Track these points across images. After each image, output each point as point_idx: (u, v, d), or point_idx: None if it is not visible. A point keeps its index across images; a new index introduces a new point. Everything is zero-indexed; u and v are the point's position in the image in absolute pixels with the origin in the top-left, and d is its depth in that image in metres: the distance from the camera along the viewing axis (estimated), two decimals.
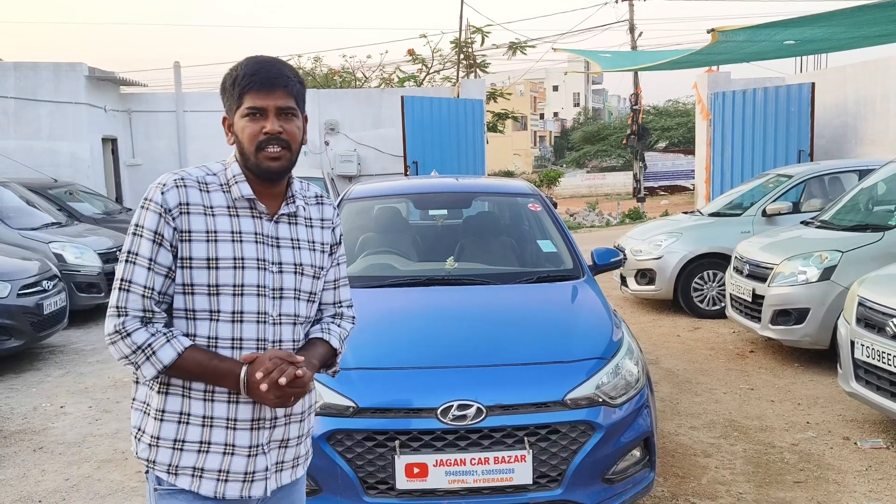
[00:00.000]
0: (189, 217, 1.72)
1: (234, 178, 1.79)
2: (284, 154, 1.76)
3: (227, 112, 1.81)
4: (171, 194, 1.72)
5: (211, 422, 1.76)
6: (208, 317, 1.74)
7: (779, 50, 10.42)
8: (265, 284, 1.78)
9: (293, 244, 1.84)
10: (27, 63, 13.36)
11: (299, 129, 1.80)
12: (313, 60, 23.22)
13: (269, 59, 1.79)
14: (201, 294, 1.73)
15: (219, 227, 1.74)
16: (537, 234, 4.70)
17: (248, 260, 1.76)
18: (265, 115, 1.74)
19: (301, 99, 1.82)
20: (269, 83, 1.73)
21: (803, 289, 5.82)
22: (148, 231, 1.71)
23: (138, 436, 1.81)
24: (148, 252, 1.71)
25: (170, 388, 1.76)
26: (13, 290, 6.39)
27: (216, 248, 1.73)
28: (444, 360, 3.21)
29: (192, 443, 1.75)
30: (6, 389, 5.93)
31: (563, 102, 75.44)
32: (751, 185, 9.00)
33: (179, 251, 1.72)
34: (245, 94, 1.73)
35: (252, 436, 1.79)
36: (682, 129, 35.54)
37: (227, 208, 1.77)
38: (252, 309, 1.76)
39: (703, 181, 13.92)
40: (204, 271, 1.72)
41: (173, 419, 1.76)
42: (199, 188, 1.75)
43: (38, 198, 9.45)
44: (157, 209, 1.71)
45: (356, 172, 15.08)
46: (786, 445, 4.46)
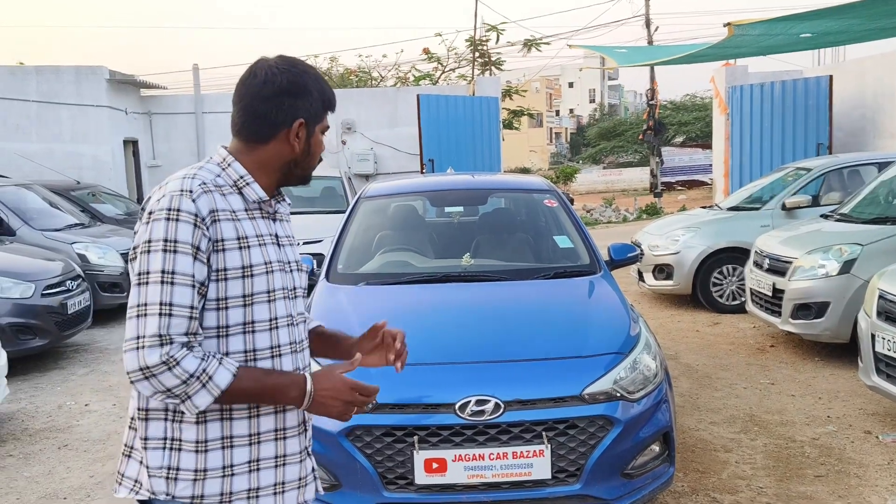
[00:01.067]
0: (220, 224, 1.60)
1: (242, 179, 1.68)
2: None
3: (305, 119, 1.71)
4: (202, 201, 1.58)
5: (258, 438, 1.67)
6: (242, 330, 1.63)
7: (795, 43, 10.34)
8: (285, 286, 1.72)
9: (289, 241, 1.81)
10: (49, 67, 13.55)
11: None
12: (330, 60, 23.35)
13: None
14: (235, 307, 1.62)
15: (247, 231, 1.65)
16: (553, 229, 4.70)
17: (275, 263, 1.69)
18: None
19: None
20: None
21: (823, 282, 5.78)
22: (184, 244, 1.54)
23: (171, 475, 1.61)
24: (189, 268, 1.55)
25: (208, 416, 1.62)
26: (37, 290, 6.49)
27: (249, 255, 1.63)
28: (461, 355, 3.24)
29: (242, 465, 1.65)
30: (32, 388, 6.04)
31: (579, 99, 75.18)
32: (770, 179, 8.93)
33: (213, 263, 1.59)
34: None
35: (300, 441, 1.75)
36: (700, 123, 35.34)
37: (246, 211, 1.68)
38: (283, 313, 1.70)
39: (722, 175, 13.82)
40: (238, 281, 1.62)
41: (216, 446, 1.62)
42: (220, 192, 1.64)
43: (61, 199, 9.58)
44: (190, 219, 1.55)
45: (373, 171, 15.14)
46: (806, 440, 4.44)
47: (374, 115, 15.54)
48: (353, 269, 4.33)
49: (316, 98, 1.72)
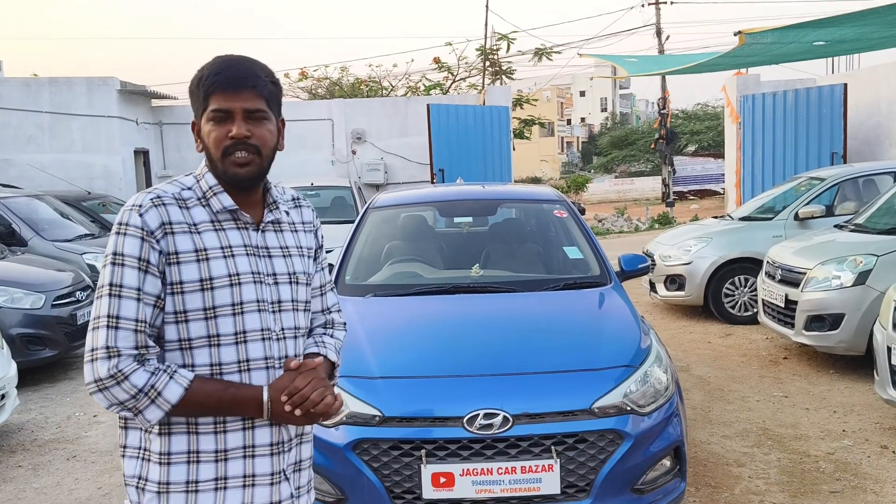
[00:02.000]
0: (174, 237, 1.57)
1: (210, 190, 1.65)
2: (253, 160, 1.63)
3: (195, 116, 1.66)
4: (150, 215, 1.56)
5: (225, 455, 1.61)
6: (207, 343, 1.59)
7: (808, 51, 10.26)
8: (264, 298, 1.65)
9: (283, 252, 1.72)
10: (61, 78, 13.67)
11: (272, 134, 1.66)
12: (340, 70, 23.40)
13: (239, 56, 1.65)
14: (197, 320, 1.58)
15: (207, 243, 1.60)
16: (563, 240, 4.66)
17: (244, 275, 1.62)
18: (231, 118, 1.60)
19: (274, 101, 1.67)
20: (235, 83, 1.59)
21: (838, 294, 5.70)
22: (131, 258, 1.54)
23: (140, 485, 1.62)
24: (134, 281, 1.54)
25: (172, 428, 1.59)
26: (48, 300, 6.51)
27: (209, 267, 1.59)
28: (470, 368, 3.20)
29: (207, 481, 1.60)
30: (41, 398, 6.04)
31: (591, 108, 75.12)
32: (783, 189, 8.85)
33: (168, 276, 1.57)
34: (210, 95, 1.60)
35: (273, 461, 1.66)
36: (712, 132, 35.21)
37: (212, 222, 1.63)
38: (255, 326, 1.63)
39: (734, 185, 13.73)
40: (198, 294, 1.58)
41: (181, 460, 1.59)
42: (178, 205, 1.61)
43: (72, 210, 9.64)
44: (136, 233, 1.55)
45: (383, 181, 15.14)
46: (821, 454, 4.36)
47: (385, 125, 15.56)
48: (361, 280, 4.30)
49: (195, 89, 1.63)
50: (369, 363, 3.22)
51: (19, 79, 14.09)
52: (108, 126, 13.53)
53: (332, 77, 22.83)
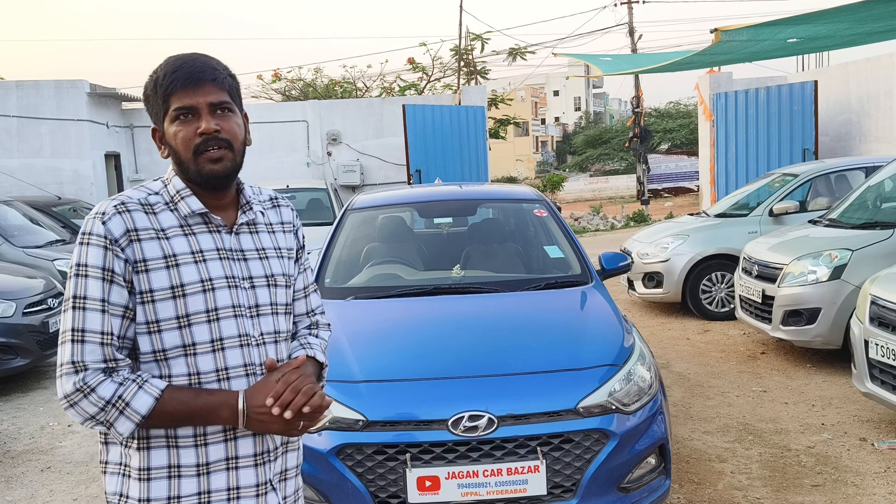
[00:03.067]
0: (140, 244, 1.51)
1: (178, 194, 1.59)
2: (227, 154, 1.57)
3: (154, 122, 1.61)
4: (114, 222, 1.50)
5: (207, 468, 1.55)
6: (183, 353, 1.53)
7: (782, 49, 10.38)
8: (240, 303, 1.59)
9: (260, 254, 1.66)
10: (29, 82, 13.41)
11: (240, 127, 1.62)
12: (314, 71, 23.28)
13: (192, 53, 1.60)
14: (170, 329, 1.52)
15: (176, 249, 1.54)
16: (544, 239, 4.65)
17: (217, 280, 1.56)
18: (197, 115, 1.54)
19: (236, 94, 1.63)
20: (195, 78, 1.54)
21: (814, 288, 5.76)
22: (94, 269, 1.48)
23: (121, 502, 1.57)
24: (98, 292, 1.48)
25: (151, 442, 1.54)
26: (18, 308, 6.36)
27: (179, 274, 1.53)
28: (453, 370, 3.17)
29: (190, 496, 1.54)
30: (13, 409, 5.90)
31: (565, 107, 75.49)
32: (756, 185, 8.94)
33: (136, 285, 1.51)
34: (171, 95, 1.54)
35: (258, 472, 1.60)
36: (685, 130, 35.54)
37: (181, 227, 1.57)
38: (232, 333, 1.57)
39: (708, 182, 13.86)
40: (169, 302, 1.52)
41: (161, 475, 1.54)
42: (144, 211, 1.55)
43: (41, 215, 9.46)
44: (100, 242, 1.49)
45: (359, 182, 15.07)
46: (802, 448, 4.40)
47: (360, 126, 15.49)
48: (340, 282, 4.26)
49: (152, 94, 1.58)
50: (351, 367, 3.17)
51: None
52: (77, 130, 13.31)
53: (305, 78, 22.69)
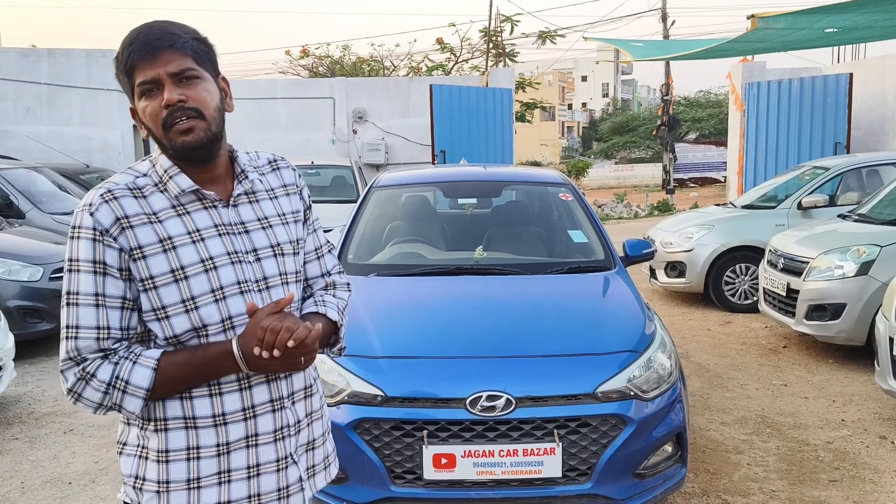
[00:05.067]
0: (133, 231, 1.46)
1: (166, 174, 1.52)
2: (197, 124, 1.48)
3: (130, 102, 1.53)
4: (102, 212, 1.45)
5: (227, 448, 1.53)
6: (195, 335, 1.50)
7: (818, 38, 10.17)
8: (247, 279, 1.54)
9: (262, 224, 1.60)
10: (60, 50, 13.53)
11: (210, 93, 1.51)
12: (342, 49, 23.24)
13: (152, 21, 1.51)
14: (178, 314, 1.48)
15: (171, 231, 1.48)
16: (568, 224, 4.63)
17: (219, 258, 1.51)
18: (160, 87, 1.46)
19: (204, 58, 1.52)
20: (151, 47, 1.45)
21: (840, 284, 5.68)
22: (85, 262, 1.45)
23: (138, 485, 1.55)
24: (91, 287, 1.45)
25: (169, 424, 1.52)
26: (45, 273, 6.47)
27: (177, 256, 1.47)
28: (473, 350, 3.17)
29: (210, 476, 1.52)
30: (38, 372, 6.02)
31: (592, 93, 74.80)
32: (786, 178, 8.81)
33: (136, 273, 1.46)
34: (133, 69, 1.46)
35: (278, 447, 1.58)
36: (713, 120, 35.09)
37: (173, 208, 1.51)
38: (241, 310, 1.52)
39: (736, 173, 13.68)
40: (173, 286, 1.47)
41: (180, 457, 1.51)
42: (133, 195, 1.49)
43: (70, 183, 9.57)
44: (89, 234, 1.44)
45: (384, 161, 15.07)
46: (820, 443, 4.36)
47: (386, 105, 15.46)
48: (363, 259, 4.27)
49: (120, 72, 1.51)
50: (372, 343, 3.19)
51: (17, 49, 13.95)
52: (106, 99, 13.41)
53: (333, 55, 22.66)
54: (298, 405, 1.65)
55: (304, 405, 1.67)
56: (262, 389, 1.57)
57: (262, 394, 1.57)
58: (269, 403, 1.58)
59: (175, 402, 1.52)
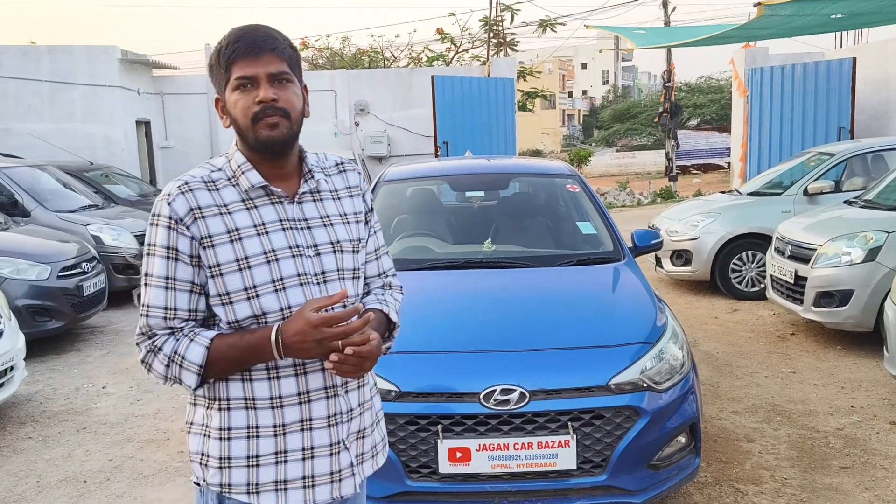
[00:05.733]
0: (205, 221, 1.59)
1: (239, 169, 1.65)
2: (283, 122, 1.61)
3: (217, 92, 1.67)
4: (178, 202, 1.58)
5: (283, 429, 1.64)
6: (255, 321, 1.61)
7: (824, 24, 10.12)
8: (306, 272, 1.64)
9: (324, 222, 1.70)
10: (61, 46, 13.49)
11: (298, 97, 1.65)
12: (342, 40, 23.18)
13: (254, 24, 1.65)
14: (240, 300, 1.60)
15: (239, 223, 1.61)
16: (575, 215, 4.63)
17: (281, 250, 1.62)
18: (256, 84, 1.59)
19: (295, 65, 1.66)
20: (256, 47, 1.59)
21: (847, 270, 5.68)
22: (160, 248, 1.59)
23: (203, 461, 1.67)
24: (163, 270, 1.59)
25: (231, 403, 1.64)
26: (53, 272, 6.49)
27: (243, 247, 1.59)
28: (486, 343, 3.18)
29: (268, 455, 1.63)
30: (48, 370, 6.04)
31: (592, 80, 74.55)
32: (791, 164, 8.79)
33: (205, 260, 1.59)
34: (232, 64, 1.59)
35: (331, 433, 1.68)
36: (715, 105, 34.93)
37: (243, 202, 1.63)
38: (299, 300, 1.62)
39: (739, 159, 13.65)
40: (237, 275, 1.59)
41: (241, 435, 1.63)
42: (207, 188, 1.62)
43: (74, 180, 9.57)
44: (165, 222, 1.58)
45: (386, 153, 15.05)
46: (830, 430, 4.37)
47: (388, 97, 15.43)
48: None
49: (216, 64, 1.63)
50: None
51: (17, 47, 13.90)
52: (109, 95, 13.39)
53: (333, 47, 22.60)
54: (352, 394, 1.73)
55: (357, 395, 1.75)
56: (317, 377, 1.66)
57: (317, 380, 1.66)
58: (324, 390, 1.67)
59: (237, 383, 1.64)
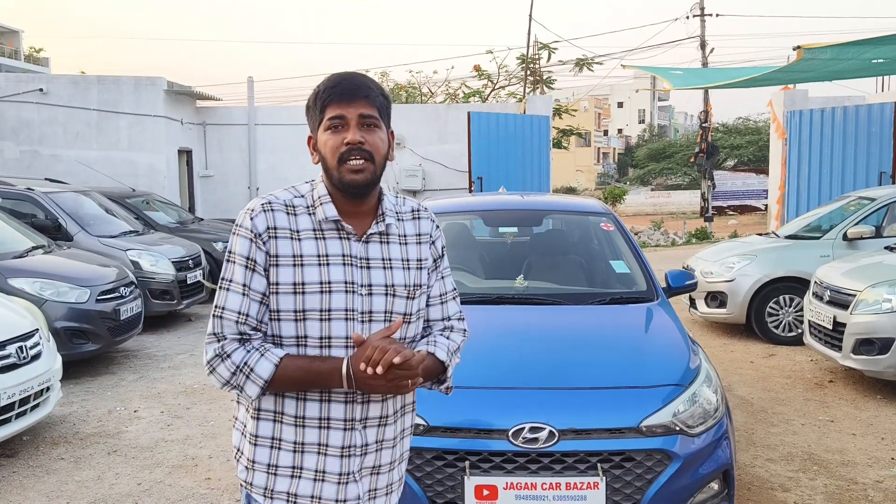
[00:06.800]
0: (277, 241, 1.69)
1: (319, 200, 1.75)
2: (367, 166, 1.70)
3: (311, 131, 1.79)
4: (259, 219, 1.70)
5: (302, 447, 1.74)
6: (295, 342, 1.71)
7: (865, 69, 10.05)
8: (353, 308, 1.71)
9: (384, 264, 1.76)
10: (109, 77, 13.95)
11: (383, 142, 1.74)
12: (380, 75, 23.55)
13: (351, 72, 1.77)
14: (288, 320, 1.70)
15: (304, 250, 1.70)
16: (609, 253, 4.60)
17: (336, 283, 1.70)
18: (346, 126, 1.69)
19: (385, 112, 1.77)
20: (350, 93, 1.70)
21: (888, 317, 5.54)
22: (240, 257, 1.69)
23: (237, 456, 1.82)
24: (242, 278, 1.69)
25: (261, 414, 1.75)
26: (92, 295, 6.62)
27: (302, 273, 1.69)
28: (516, 380, 3.16)
29: (285, 468, 1.74)
30: (83, 392, 6.13)
31: (628, 119, 74.58)
32: (830, 208, 8.67)
33: (270, 277, 1.70)
34: (327, 106, 1.71)
35: (342, 463, 1.74)
36: (752, 147, 34.68)
37: (314, 231, 1.72)
38: (340, 334, 1.70)
39: (776, 201, 13.50)
40: (290, 296, 1.69)
41: (266, 444, 1.75)
42: (287, 211, 1.73)
43: (116, 206, 9.80)
44: (247, 234, 1.69)
45: (421, 187, 15.17)
46: (869, 482, 4.24)
47: (424, 132, 15.60)
48: None
49: (313, 104, 1.75)
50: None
51: (68, 76, 14.42)
52: (154, 125, 13.77)
53: None
54: (370, 431, 1.77)
55: (376, 432, 1.79)
56: (339, 407, 1.74)
57: (338, 411, 1.74)
58: (342, 422, 1.74)
59: (270, 396, 1.74)
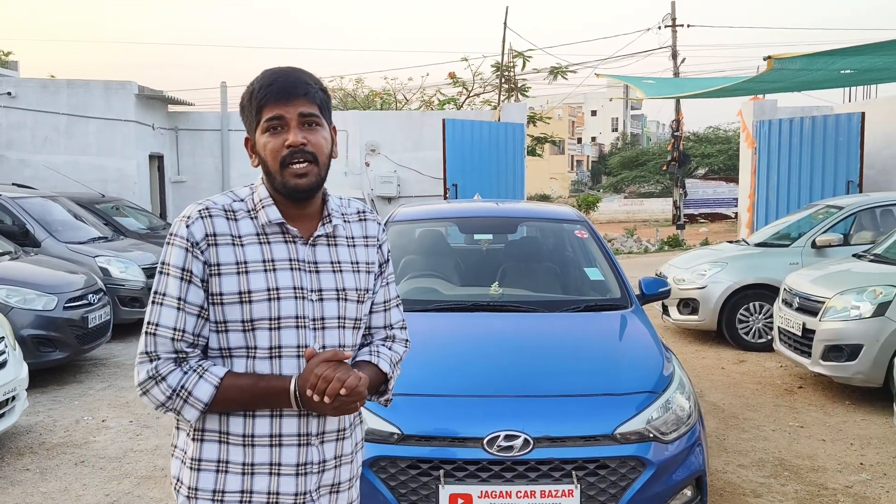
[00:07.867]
0: (217, 249, 1.58)
1: (261, 203, 1.64)
2: (311, 169, 1.60)
3: (248, 132, 1.66)
4: (196, 226, 1.58)
5: (252, 469, 1.60)
6: (245, 354, 1.60)
7: (834, 79, 10.23)
8: (304, 315, 1.61)
9: (333, 267, 1.67)
10: (79, 81, 13.72)
11: (326, 140, 1.64)
12: (355, 82, 23.54)
13: (287, 67, 1.65)
14: (235, 331, 1.59)
15: (248, 257, 1.59)
16: (583, 261, 4.62)
17: (284, 290, 1.60)
18: (286, 127, 1.58)
19: (325, 108, 1.66)
20: (287, 91, 1.58)
21: (856, 324, 5.63)
22: (175, 268, 1.57)
23: (177, 487, 1.67)
24: (176, 291, 1.57)
25: (205, 435, 1.62)
26: (60, 302, 6.49)
27: (248, 281, 1.58)
28: (491, 388, 3.16)
29: (233, 493, 1.60)
30: (49, 401, 6.01)
31: (602, 127, 75.25)
32: (799, 216, 8.80)
33: (210, 287, 1.58)
34: (264, 106, 1.59)
35: (298, 482, 1.63)
36: (722, 156, 35.13)
37: (257, 235, 1.62)
38: (291, 343, 1.60)
39: (746, 209, 13.68)
40: (237, 306, 1.58)
41: (210, 468, 1.61)
42: (226, 216, 1.61)
43: (85, 212, 9.64)
44: (182, 244, 1.57)
45: (396, 194, 15.15)
46: (839, 487, 4.29)
47: (399, 138, 15.58)
48: None
49: (248, 104, 1.63)
50: None
51: (37, 80, 14.16)
52: (124, 130, 13.57)
53: (346, 88, 22.93)
54: (327, 446, 1.67)
55: (335, 447, 1.69)
56: (292, 422, 1.62)
57: (291, 426, 1.62)
58: (296, 437, 1.63)
59: (214, 416, 1.62)
